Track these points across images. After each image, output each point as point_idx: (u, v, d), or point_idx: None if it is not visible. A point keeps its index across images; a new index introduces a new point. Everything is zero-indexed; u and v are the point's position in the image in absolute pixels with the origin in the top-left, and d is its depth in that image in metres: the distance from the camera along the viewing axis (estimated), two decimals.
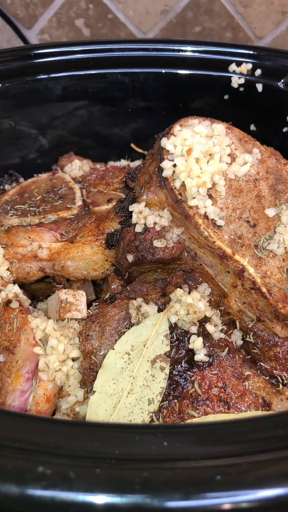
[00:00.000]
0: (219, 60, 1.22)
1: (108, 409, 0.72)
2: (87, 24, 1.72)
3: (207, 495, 0.43)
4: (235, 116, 1.05)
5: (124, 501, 0.43)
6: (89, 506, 0.43)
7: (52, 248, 0.96)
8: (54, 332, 0.84)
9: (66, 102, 1.28)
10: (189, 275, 0.85)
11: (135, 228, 0.83)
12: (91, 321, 0.82)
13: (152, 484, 0.43)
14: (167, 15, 1.67)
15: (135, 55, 1.25)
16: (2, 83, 1.19)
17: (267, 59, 1.20)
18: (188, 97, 1.28)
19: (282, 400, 0.76)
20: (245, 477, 0.44)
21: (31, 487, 0.43)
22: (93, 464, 0.45)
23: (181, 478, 0.44)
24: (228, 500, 0.43)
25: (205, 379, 0.75)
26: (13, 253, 0.94)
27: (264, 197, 0.86)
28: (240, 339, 0.82)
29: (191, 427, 0.54)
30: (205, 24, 1.68)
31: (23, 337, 0.81)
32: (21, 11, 1.70)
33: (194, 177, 0.78)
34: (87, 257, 0.94)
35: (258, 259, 0.80)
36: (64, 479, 0.43)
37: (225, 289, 0.82)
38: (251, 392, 0.76)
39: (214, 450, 0.47)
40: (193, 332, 0.77)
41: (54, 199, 1.12)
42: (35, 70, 1.23)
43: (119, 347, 0.77)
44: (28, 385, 0.82)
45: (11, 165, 1.30)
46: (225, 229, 0.81)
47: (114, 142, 1.38)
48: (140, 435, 0.49)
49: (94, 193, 1.12)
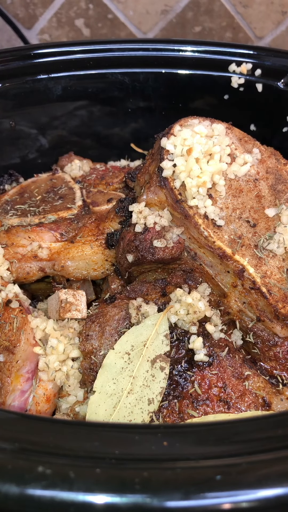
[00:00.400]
0: (219, 60, 1.22)
1: (108, 409, 0.72)
2: (87, 24, 1.72)
3: (207, 495, 0.43)
4: (235, 116, 1.05)
5: (124, 501, 0.43)
6: (89, 506, 0.43)
7: (52, 248, 0.96)
8: (54, 332, 0.84)
9: (66, 102, 1.28)
10: (189, 275, 0.85)
11: (135, 228, 0.83)
12: (91, 321, 0.82)
13: (152, 484, 0.43)
14: (167, 15, 1.67)
15: (135, 55, 1.25)
16: (2, 83, 1.19)
17: (267, 59, 1.20)
18: (188, 97, 1.28)
19: (282, 400, 0.76)
20: (245, 477, 0.44)
21: (31, 487, 0.43)
22: (93, 464, 0.45)
23: (181, 478, 0.44)
24: (228, 500, 0.43)
25: (205, 379, 0.75)
26: (13, 253, 0.94)
27: (264, 197, 0.86)
28: (240, 339, 0.82)
29: (191, 427, 0.54)
30: (205, 24, 1.68)
31: (23, 337, 0.81)
32: (21, 11, 1.70)
33: (194, 177, 0.78)
34: (87, 257, 0.94)
35: (258, 259, 0.80)
36: (64, 479, 0.43)
37: (225, 289, 0.82)
38: (251, 392, 0.76)
39: (214, 450, 0.47)
40: (193, 332, 0.77)
41: (54, 199, 1.12)
42: (35, 70, 1.23)
43: (119, 347, 0.77)
44: (28, 385, 0.82)
45: (11, 165, 1.30)
46: (225, 229, 0.81)
47: (114, 142, 1.38)
48: (140, 435, 0.49)
49: (94, 193, 1.12)
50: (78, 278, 0.95)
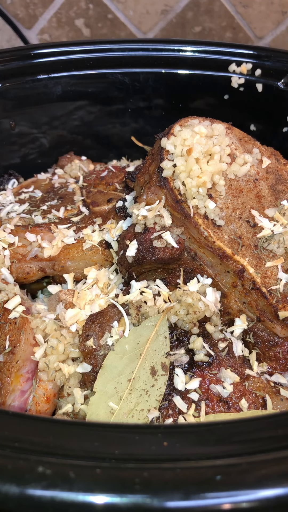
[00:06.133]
0: (219, 60, 1.22)
1: (108, 410, 0.72)
2: (87, 24, 1.72)
3: (207, 495, 0.43)
4: (235, 116, 1.05)
5: (124, 501, 0.43)
6: (89, 506, 0.43)
7: (52, 248, 0.96)
8: (54, 332, 0.83)
9: (66, 102, 1.29)
10: (189, 275, 0.85)
11: (135, 228, 0.83)
12: (91, 321, 0.82)
13: (152, 484, 0.43)
14: (167, 15, 1.67)
15: (135, 55, 1.25)
16: (2, 83, 1.19)
17: (267, 59, 1.20)
18: (188, 97, 1.28)
19: (282, 400, 0.76)
20: (245, 477, 0.44)
21: (31, 487, 0.43)
22: (93, 464, 0.45)
23: (181, 478, 0.44)
24: (228, 500, 0.43)
25: (205, 379, 0.75)
26: (13, 253, 0.94)
27: (264, 197, 0.86)
28: (240, 339, 0.82)
29: (191, 427, 0.54)
30: (205, 24, 1.68)
31: (23, 337, 0.81)
32: (21, 11, 1.70)
33: (194, 177, 0.78)
34: (87, 257, 0.94)
35: (258, 259, 0.80)
36: (64, 479, 0.43)
37: (225, 289, 0.82)
38: (251, 392, 0.76)
39: (214, 450, 0.47)
40: (193, 332, 0.77)
41: (54, 199, 1.12)
42: (35, 70, 1.23)
43: (119, 347, 0.77)
44: (28, 385, 0.82)
45: (11, 165, 1.30)
46: (225, 229, 0.81)
47: (114, 142, 1.38)
48: (140, 435, 0.49)
49: (94, 193, 1.12)
50: (78, 278, 0.95)
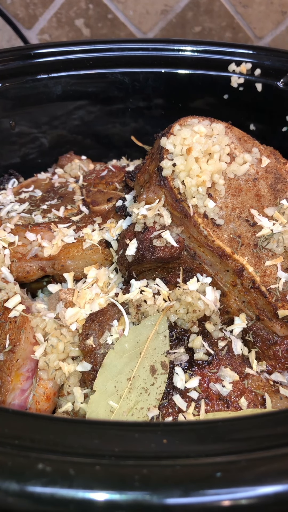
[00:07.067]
0: (219, 60, 1.22)
1: (108, 408, 0.73)
2: (87, 24, 1.72)
3: (206, 492, 0.43)
4: (235, 115, 1.05)
5: (124, 498, 0.43)
6: (89, 503, 0.43)
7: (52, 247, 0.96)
8: (54, 331, 0.84)
9: (66, 102, 1.29)
10: (188, 274, 0.85)
11: (135, 228, 0.83)
12: (91, 320, 0.83)
13: (152, 481, 0.44)
14: (167, 15, 1.67)
15: (135, 55, 1.25)
16: (2, 83, 1.19)
17: (267, 59, 1.20)
18: (188, 96, 1.28)
19: (281, 399, 0.76)
20: (244, 474, 0.44)
21: (31, 484, 0.43)
22: (93, 461, 0.45)
23: (180, 475, 0.44)
24: (228, 497, 0.43)
25: (205, 377, 0.76)
26: (13, 252, 0.94)
27: (264, 196, 0.86)
28: (240, 337, 0.82)
29: (191, 424, 0.54)
30: (205, 24, 1.68)
31: (23, 336, 0.82)
32: (21, 11, 1.70)
33: (194, 176, 0.79)
34: (87, 256, 0.94)
35: (258, 258, 0.80)
36: (64, 476, 0.43)
37: (225, 288, 0.83)
38: (251, 391, 0.76)
39: (214, 448, 0.47)
40: (193, 331, 0.78)
41: (54, 198, 1.12)
42: (35, 70, 1.23)
43: (119, 346, 0.77)
44: (28, 383, 0.83)
45: (11, 164, 1.30)
46: (224, 228, 0.81)
47: (114, 141, 1.38)
48: (140, 433, 0.49)
49: (94, 192, 1.12)
50: (78, 277, 0.95)
